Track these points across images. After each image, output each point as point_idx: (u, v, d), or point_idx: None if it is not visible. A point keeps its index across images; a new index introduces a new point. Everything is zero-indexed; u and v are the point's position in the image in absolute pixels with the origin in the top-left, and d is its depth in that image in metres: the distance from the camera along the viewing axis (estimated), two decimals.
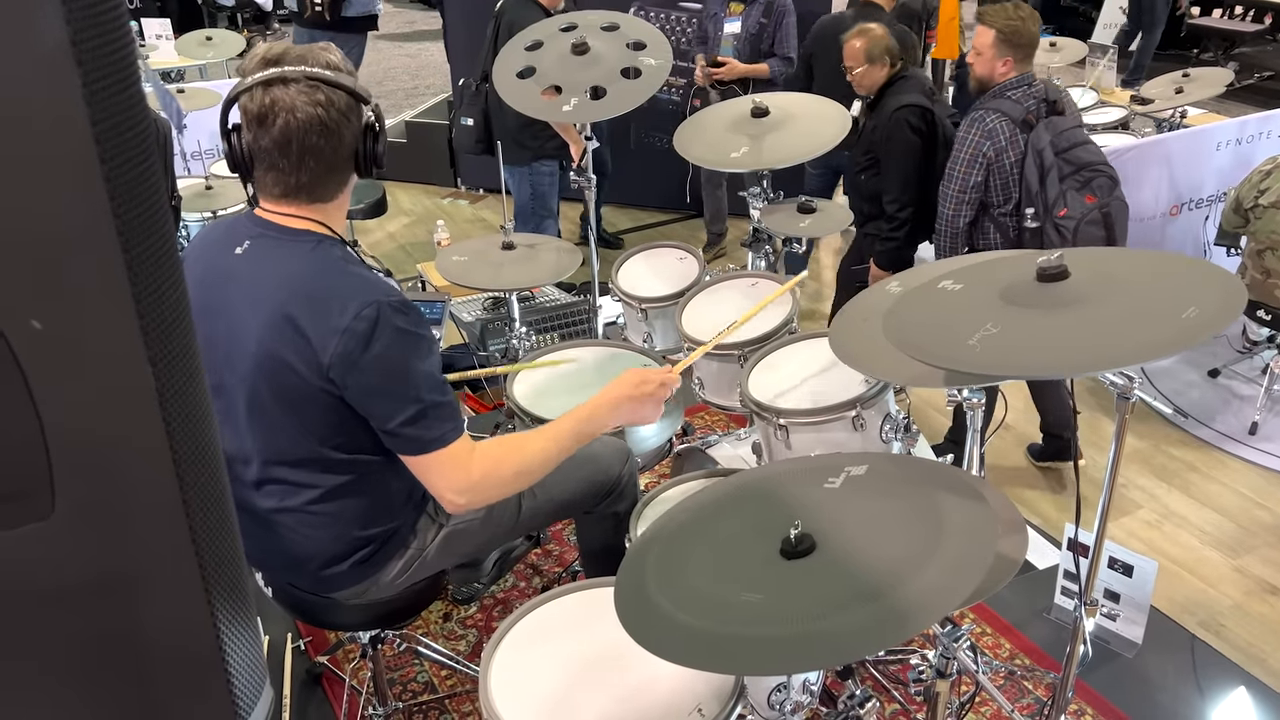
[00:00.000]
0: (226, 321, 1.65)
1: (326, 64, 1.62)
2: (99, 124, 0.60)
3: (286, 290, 1.61)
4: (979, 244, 3.06)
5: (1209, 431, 3.58)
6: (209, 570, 0.75)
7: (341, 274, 1.64)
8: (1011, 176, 2.94)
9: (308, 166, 1.63)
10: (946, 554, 1.28)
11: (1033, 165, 2.90)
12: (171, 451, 0.69)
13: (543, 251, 2.82)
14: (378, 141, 1.68)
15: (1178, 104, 4.76)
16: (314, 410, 1.64)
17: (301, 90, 1.58)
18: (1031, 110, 2.91)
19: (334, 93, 1.60)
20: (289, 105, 1.57)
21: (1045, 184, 2.90)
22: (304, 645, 2.62)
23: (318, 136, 1.60)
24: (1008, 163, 2.93)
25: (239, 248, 1.68)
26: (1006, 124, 2.89)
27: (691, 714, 1.52)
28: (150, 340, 0.66)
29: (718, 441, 2.64)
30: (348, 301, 1.58)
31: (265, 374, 1.63)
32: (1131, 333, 1.34)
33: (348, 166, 1.67)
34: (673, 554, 1.47)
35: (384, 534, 1.80)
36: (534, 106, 2.74)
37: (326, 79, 1.60)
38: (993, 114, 2.91)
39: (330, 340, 1.57)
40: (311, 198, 1.67)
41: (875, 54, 3.36)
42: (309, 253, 1.65)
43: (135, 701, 0.76)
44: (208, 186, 3.95)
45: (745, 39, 4.40)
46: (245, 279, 1.65)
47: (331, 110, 1.60)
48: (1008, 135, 2.90)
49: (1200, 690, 2.49)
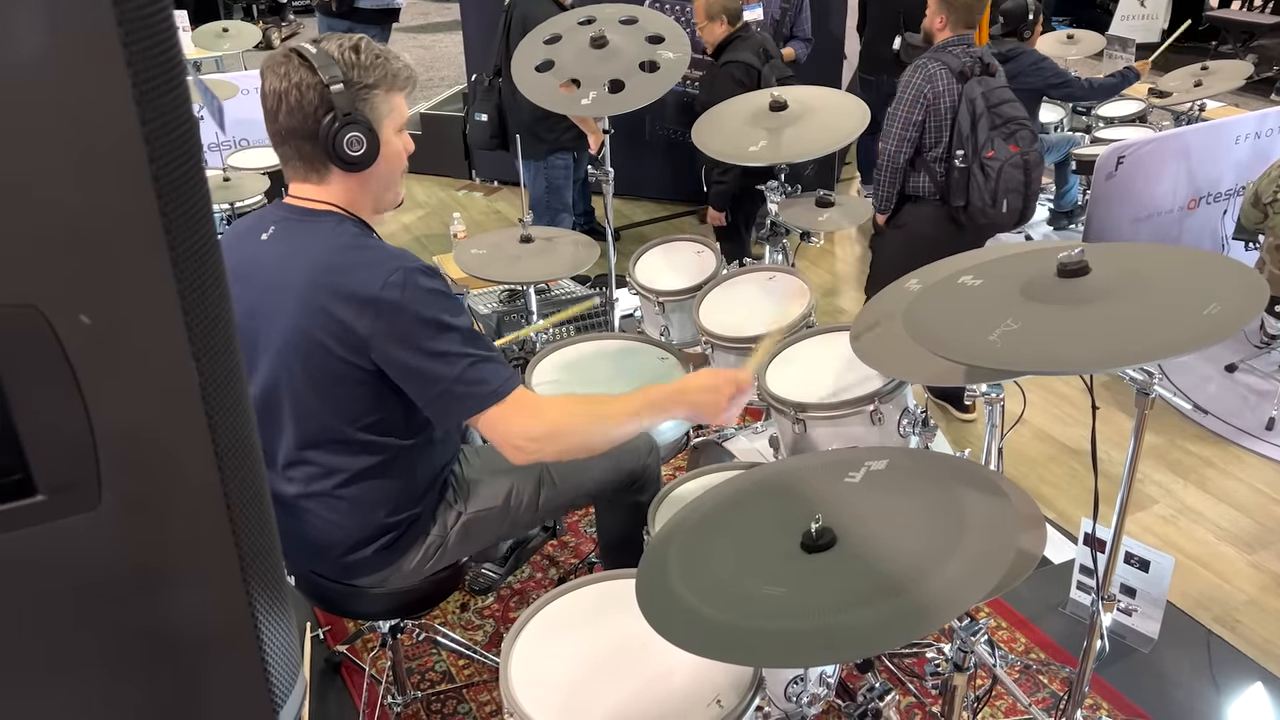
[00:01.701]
0: (256, 307, 1.67)
1: (327, 49, 1.61)
2: (148, 124, 0.61)
3: (311, 270, 1.62)
4: (908, 187, 3.41)
5: (1226, 427, 3.57)
6: (248, 561, 0.76)
7: (362, 247, 1.64)
8: (945, 120, 3.29)
9: (293, 143, 1.64)
10: (967, 549, 1.29)
11: (966, 112, 3.27)
12: (214, 445, 0.70)
13: (560, 244, 2.83)
14: (339, 139, 1.61)
15: (1196, 97, 4.73)
16: (347, 390, 1.65)
17: (279, 64, 1.60)
18: (968, 65, 3.29)
19: (303, 70, 1.59)
20: (270, 84, 1.62)
21: (976, 129, 3.27)
22: (323, 634, 2.65)
23: (287, 115, 1.61)
24: (944, 106, 3.28)
25: (264, 234, 1.70)
26: (946, 73, 3.26)
27: (710, 705, 1.53)
28: (194, 336, 0.67)
29: (734, 435, 2.65)
30: (373, 272, 1.59)
31: (299, 356, 1.64)
32: (1154, 328, 1.34)
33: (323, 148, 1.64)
34: (695, 546, 1.48)
35: (407, 520, 1.81)
36: (553, 100, 2.75)
37: (305, 56, 1.60)
38: (934, 63, 3.28)
39: (363, 314, 1.58)
40: (319, 178, 1.67)
41: (713, 12, 3.88)
42: (329, 231, 1.66)
43: (174, 690, 0.77)
44: (226, 179, 3.97)
45: (769, 25, 4.54)
46: (271, 263, 1.67)
47: (301, 88, 1.59)
48: (946, 83, 3.26)
49: (1216, 685, 2.49)
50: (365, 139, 1.63)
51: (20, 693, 0.70)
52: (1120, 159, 3.97)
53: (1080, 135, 5.17)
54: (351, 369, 1.62)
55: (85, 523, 0.68)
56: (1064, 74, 4.51)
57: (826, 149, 2.67)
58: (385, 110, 1.68)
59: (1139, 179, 4.05)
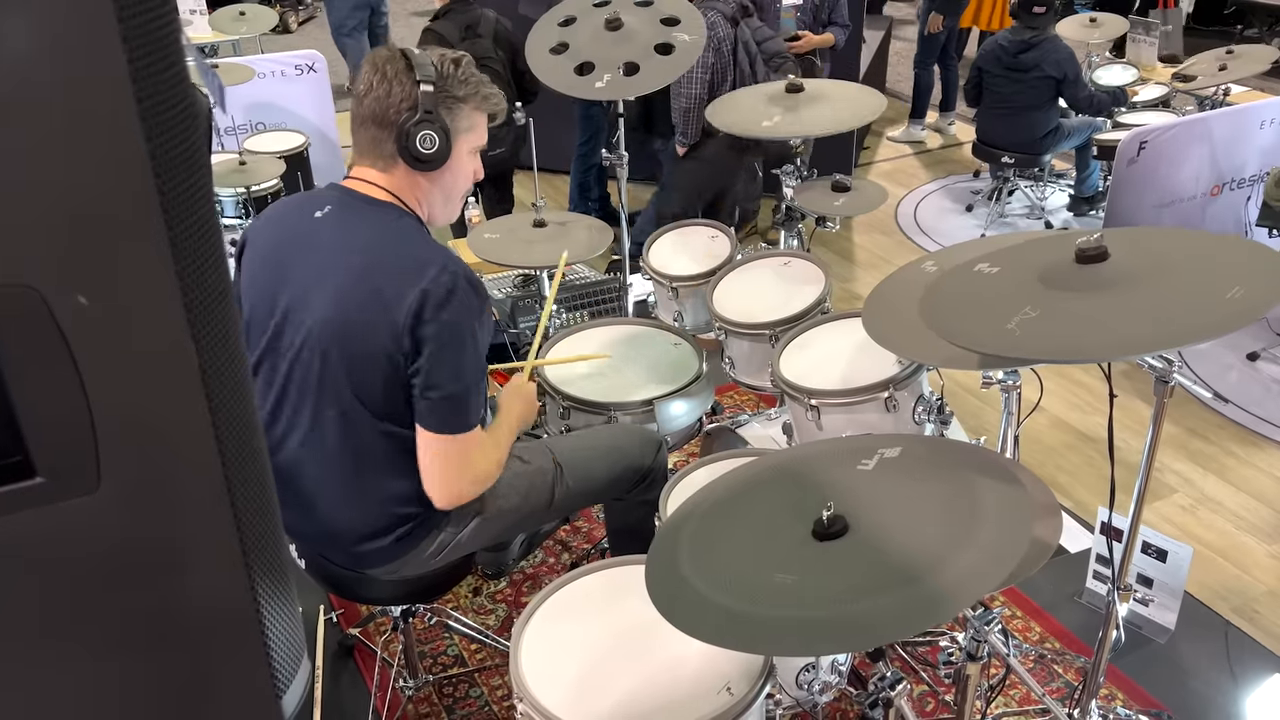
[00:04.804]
0: (299, 283, 1.69)
1: (430, 57, 1.69)
2: (144, 101, 0.60)
3: (369, 254, 1.66)
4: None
5: (1247, 415, 3.53)
6: (249, 545, 0.75)
7: (424, 243, 1.70)
8: (728, 60, 3.89)
9: (371, 129, 1.71)
10: (982, 537, 1.27)
11: (744, 53, 3.89)
12: (214, 428, 0.69)
13: (574, 229, 2.81)
14: (413, 133, 1.68)
15: (1221, 81, 4.66)
16: (376, 379, 1.67)
17: (383, 60, 1.68)
18: (735, 11, 3.88)
19: (402, 67, 1.67)
20: (367, 74, 1.70)
21: (754, 68, 3.92)
22: (336, 618, 2.66)
23: (374, 101, 1.68)
24: (726, 49, 3.87)
25: (319, 211, 1.73)
26: (722, 19, 3.83)
27: (720, 692, 1.52)
28: (193, 317, 0.67)
29: (747, 421, 2.64)
30: (428, 264, 1.63)
31: (338, 337, 1.66)
32: (1175, 315, 1.32)
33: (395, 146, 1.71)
34: (705, 533, 1.47)
35: (421, 514, 1.81)
36: (567, 83, 2.73)
37: (408, 56, 1.68)
38: (711, 11, 3.79)
39: (407, 297, 1.61)
40: (385, 165, 1.73)
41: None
42: (392, 222, 1.71)
43: (175, 675, 0.77)
44: (241, 162, 3.97)
45: (809, 9, 4.70)
46: (323, 241, 1.70)
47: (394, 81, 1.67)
48: (724, 29, 3.85)
49: (1234, 676, 2.47)
50: (439, 140, 1.69)
51: (19, 676, 0.70)
52: (1143, 144, 3.91)
53: (1102, 120, 5.11)
54: (384, 354, 1.64)
55: (85, 505, 0.67)
56: (1079, 74, 4.72)
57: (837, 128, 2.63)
58: (465, 125, 1.74)
59: (1162, 164, 4.00)
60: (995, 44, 4.93)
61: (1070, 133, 4.96)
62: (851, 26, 4.89)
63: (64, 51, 0.58)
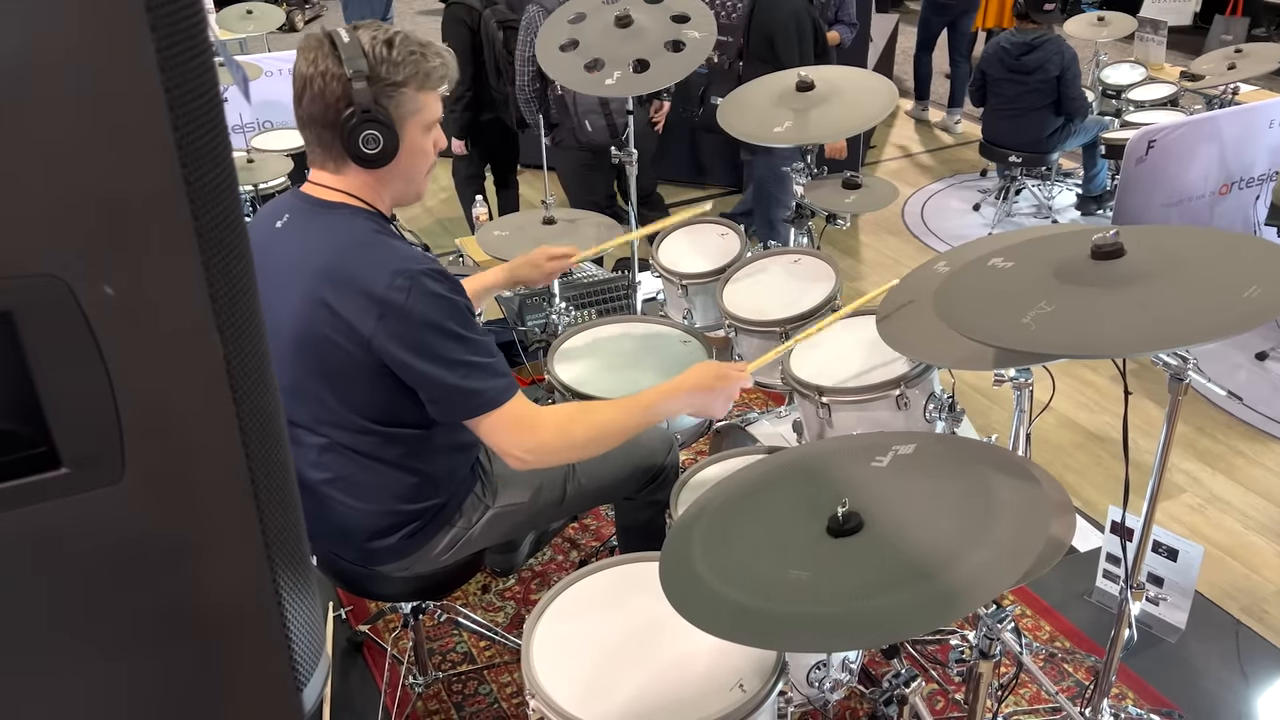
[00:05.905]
0: (268, 295, 1.66)
1: (360, 39, 1.57)
2: (172, 91, 0.60)
3: (318, 263, 1.60)
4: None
5: (1256, 415, 3.52)
6: (272, 538, 0.75)
7: (371, 245, 1.62)
8: None
9: (314, 130, 1.62)
10: (996, 535, 1.27)
11: None
12: (238, 420, 0.69)
13: (583, 226, 2.81)
14: (355, 134, 1.57)
15: (1229, 80, 4.65)
16: (355, 383, 1.64)
17: (310, 49, 1.58)
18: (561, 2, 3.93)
19: (331, 59, 1.56)
20: (299, 68, 1.59)
21: None
22: (345, 614, 2.66)
23: (310, 101, 1.59)
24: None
25: (279, 221, 1.69)
26: (542, 14, 3.72)
27: (733, 689, 1.52)
28: (219, 308, 0.66)
29: (758, 419, 2.64)
30: (379, 272, 1.56)
31: (307, 349, 1.63)
32: (1192, 312, 1.31)
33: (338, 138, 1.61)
34: (719, 529, 1.46)
35: (430, 510, 1.81)
36: (577, 80, 2.73)
37: (335, 44, 1.56)
38: (533, 6, 3.80)
39: (368, 312, 1.56)
40: (336, 167, 1.65)
41: None
42: (342, 224, 1.64)
43: (197, 667, 0.77)
44: (249, 160, 3.98)
45: (817, 9, 4.62)
46: (283, 252, 1.65)
47: (326, 77, 1.56)
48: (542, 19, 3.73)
49: (1244, 676, 2.46)
50: (383, 137, 1.59)
51: (42, 666, 0.70)
52: (1151, 143, 3.91)
53: (1109, 119, 5.10)
54: (358, 364, 1.61)
55: (109, 496, 0.67)
56: (1077, 74, 4.77)
57: (853, 130, 2.63)
58: (412, 109, 1.63)
59: (1170, 163, 3.99)
60: (998, 46, 4.92)
61: (1078, 131, 4.95)
62: (859, 25, 4.90)
63: (93, 41, 0.58)
